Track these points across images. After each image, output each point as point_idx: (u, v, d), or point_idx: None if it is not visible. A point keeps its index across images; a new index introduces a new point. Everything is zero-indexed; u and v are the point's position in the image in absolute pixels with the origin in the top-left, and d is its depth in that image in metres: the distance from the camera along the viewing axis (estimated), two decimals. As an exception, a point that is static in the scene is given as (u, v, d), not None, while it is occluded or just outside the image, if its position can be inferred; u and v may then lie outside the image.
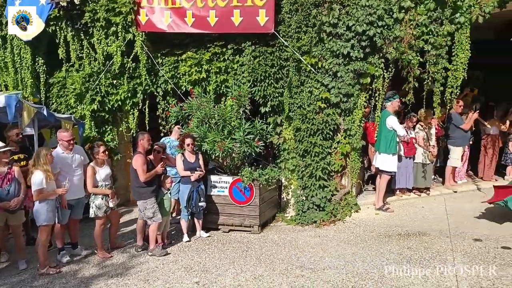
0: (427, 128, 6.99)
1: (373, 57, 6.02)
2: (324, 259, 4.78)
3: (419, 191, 7.20)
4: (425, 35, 5.74)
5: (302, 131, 6.33)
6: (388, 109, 6.28)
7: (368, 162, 7.40)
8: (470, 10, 5.56)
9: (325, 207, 6.26)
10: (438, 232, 5.35)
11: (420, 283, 3.97)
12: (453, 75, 5.75)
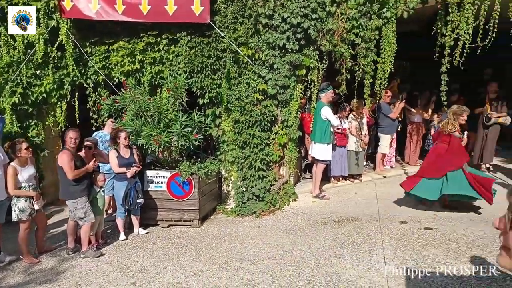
0: (359, 118, 7.34)
1: (308, 49, 6.16)
2: (263, 249, 4.86)
3: (353, 178, 7.57)
4: (355, 29, 5.96)
5: (241, 123, 6.34)
6: (322, 100, 6.49)
7: (305, 151, 7.63)
8: (395, 5, 5.86)
9: (264, 197, 6.36)
10: (369, 217, 5.68)
11: (352, 267, 4.19)
12: (381, 68, 6.06)
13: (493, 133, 7.70)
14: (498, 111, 7.60)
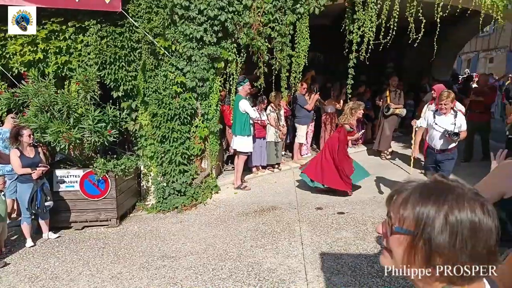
0: (277, 109, 7.57)
1: (226, 42, 6.16)
2: (186, 245, 4.83)
3: (272, 167, 7.83)
4: (271, 23, 6.10)
5: (159, 116, 6.16)
6: (240, 93, 6.56)
7: (227, 143, 7.68)
8: (308, 1, 6.11)
9: (186, 192, 6.29)
10: (288, 205, 5.94)
11: (273, 255, 4.36)
12: (296, 61, 6.30)
13: (391, 123, 8.49)
14: (396, 103, 8.39)
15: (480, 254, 0.84)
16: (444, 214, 0.84)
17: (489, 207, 0.87)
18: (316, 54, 12.74)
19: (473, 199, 0.87)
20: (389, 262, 0.96)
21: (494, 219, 0.86)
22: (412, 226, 0.88)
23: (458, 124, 4.93)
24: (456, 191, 0.88)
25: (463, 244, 0.83)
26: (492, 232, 0.85)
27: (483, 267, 0.85)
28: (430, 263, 0.86)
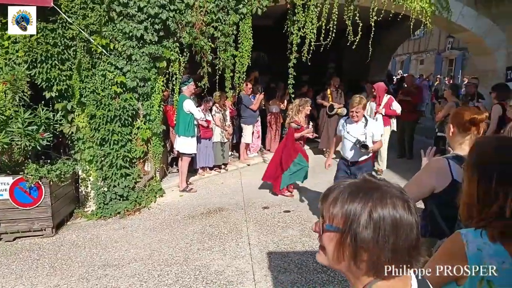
0: (222, 109, 7.53)
1: (167, 41, 6.00)
2: (129, 252, 4.64)
3: (219, 168, 7.78)
4: (214, 23, 6.03)
5: (97, 118, 5.85)
6: (184, 93, 6.44)
7: (171, 145, 7.50)
8: (251, 2, 6.13)
9: (129, 196, 6.04)
10: (234, 205, 5.92)
11: (220, 257, 4.32)
12: (240, 61, 6.30)
13: (333, 122, 8.81)
14: (338, 102, 8.72)
15: (402, 249, 0.89)
16: (368, 211, 0.89)
17: (411, 204, 0.93)
18: (260, 54, 12.88)
19: (396, 196, 0.92)
20: (323, 259, 1.01)
21: (414, 215, 0.91)
22: (341, 223, 0.93)
23: (369, 133, 4.49)
24: (381, 189, 0.93)
25: (386, 239, 0.88)
26: (413, 228, 0.90)
27: (406, 261, 0.90)
28: (357, 258, 0.91)
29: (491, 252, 1.32)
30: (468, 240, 1.36)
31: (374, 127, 4.56)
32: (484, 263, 1.32)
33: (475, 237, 1.36)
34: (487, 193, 1.37)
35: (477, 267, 1.33)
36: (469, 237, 1.36)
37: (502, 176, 1.35)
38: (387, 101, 7.22)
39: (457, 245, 1.37)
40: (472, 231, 1.39)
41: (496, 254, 1.32)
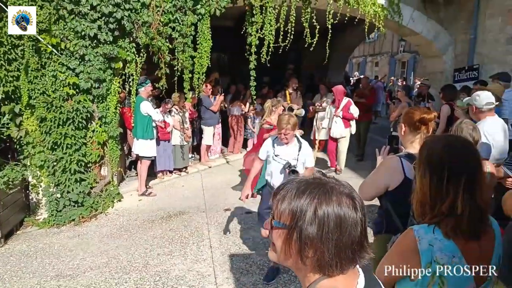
0: (181, 111, 7.41)
1: (123, 41, 5.81)
2: (85, 260, 4.44)
3: (179, 171, 7.64)
4: (172, 23, 5.92)
5: (48, 121, 5.55)
6: (141, 94, 6.28)
7: (128, 148, 7.28)
8: (209, 2, 6.07)
9: (84, 202, 5.79)
10: (196, 209, 5.84)
11: (181, 262, 4.24)
12: (199, 62, 6.22)
13: None
14: (297, 103, 8.83)
15: (345, 245, 0.90)
16: (314, 208, 0.91)
17: (357, 201, 0.94)
18: (220, 55, 12.85)
19: (343, 193, 0.94)
20: (273, 256, 1.01)
21: (360, 212, 0.93)
22: (288, 220, 0.93)
23: (301, 158, 3.79)
24: (328, 187, 0.95)
25: (329, 236, 0.89)
26: (357, 225, 0.92)
27: (349, 258, 0.92)
28: (303, 254, 0.92)
29: (442, 247, 1.38)
30: (420, 236, 1.40)
31: (308, 152, 3.87)
32: (435, 258, 1.37)
33: (427, 233, 1.41)
34: (439, 190, 1.43)
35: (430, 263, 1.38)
36: (421, 233, 1.41)
37: (452, 174, 1.41)
38: (346, 104, 7.37)
39: (410, 241, 1.42)
40: (424, 227, 1.44)
41: (447, 249, 1.37)
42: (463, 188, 1.38)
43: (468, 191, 1.38)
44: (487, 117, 3.65)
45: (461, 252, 1.37)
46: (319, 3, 6.72)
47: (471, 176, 1.40)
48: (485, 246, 1.43)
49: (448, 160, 1.43)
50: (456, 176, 1.41)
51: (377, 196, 2.39)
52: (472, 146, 1.53)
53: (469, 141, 1.61)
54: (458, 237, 1.39)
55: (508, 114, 4.99)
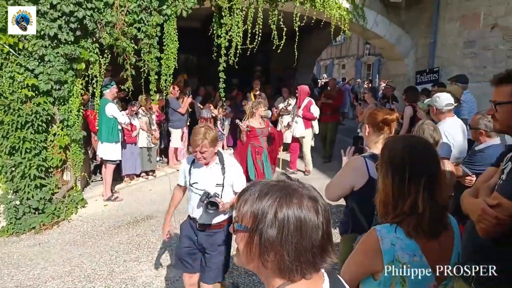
0: (148, 113, 7.26)
1: (86, 41, 5.62)
2: (46, 269, 4.25)
3: (147, 174, 7.48)
4: (137, 23, 5.79)
5: (6, 124, 5.27)
6: (107, 96, 6.10)
7: (93, 151, 7.05)
8: (175, 3, 5.99)
9: (45, 209, 5.54)
10: (164, 213, 5.62)
11: (149, 268, 4.15)
12: (166, 64, 6.12)
13: None
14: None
15: (305, 249, 0.90)
16: (274, 210, 0.90)
17: (320, 205, 0.93)
18: (188, 56, 12.71)
19: (304, 196, 0.93)
20: (237, 260, 1.00)
21: (321, 216, 0.92)
22: (249, 223, 0.92)
23: (228, 181, 2.92)
24: (290, 189, 0.93)
25: (289, 239, 0.88)
26: (318, 228, 0.91)
27: (310, 262, 0.91)
28: (264, 258, 0.91)
29: (403, 246, 1.40)
30: (383, 235, 1.43)
31: (236, 172, 2.98)
32: (397, 257, 1.40)
33: (389, 232, 1.43)
34: (401, 190, 1.46)
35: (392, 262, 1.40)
36: (383, 233, 1.44)
37: (413, 174, 1.44)
38: (306, 104, 7.46)
39: (373, 240, 1.44)
40: (386, 227, 1.46)
41: (408, 248, 1.40)
42: (423, 187, 1.42)
43: (429, 191, 1.42)
44: (447, 118, 3.79)
45: (422, 251, 1.40)
46: (286, 6, 6.78)
47: (431, 176, 1.44)
48: (444, 245, 1.47)
49: (409, 161, 1.47)
50: (417, 176, 1.44)
51: (343, 196, 2.42)
52: (431, 147, 1.58)
53: (429, 142, 1.66)
54: (419, 236, 1.42)
55: (466, 115, 5.21)
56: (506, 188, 1.64)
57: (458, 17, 7.00)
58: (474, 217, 1.72)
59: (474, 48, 6.63)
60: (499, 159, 1.97)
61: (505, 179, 1.70)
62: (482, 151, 3.24)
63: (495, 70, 6.11)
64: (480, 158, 3.21)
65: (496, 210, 1.61)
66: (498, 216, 1.59)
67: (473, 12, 6.60)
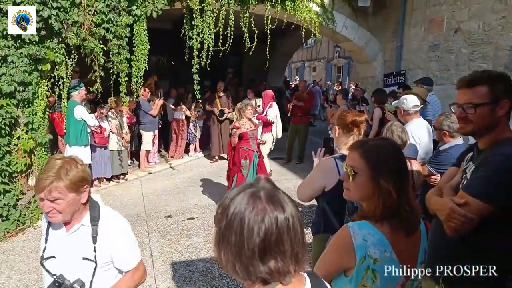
0: (119, 115, 7.11)
1: (51, 41, 5.44)
2: (11, 278, 4.08)
3: (117, 178, 7.32)
4: (105, 24, 5.66)
5: (-34, 127, 5.05)
6: (75, 98, 5.93)
7: (60, 155, 6.83)
8: (145, 4, 5.90)
9: (9, 216, 5.31)
10: (135, 217, 5.62)
11: (120, 273, 4.04)
12: (136, 65, 6.02)
13: (225, 128, 8.93)
14: (227, 106, 8.87)
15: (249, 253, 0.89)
16: (227, 211, 0.92)
17: (279, 214, 0.91)
18: (160, 58, 12.53)
19: (262, 200, 0.92)
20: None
21: (271, 219, 0.90)
22: (220, 227, 0.95)
23: (103, 255, 1.82)
24: (251, 192, 0.94)
25: (241, 243, 0.89)
26: (260, 231, 0.89)
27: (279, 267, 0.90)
28: (229, 262, 0.92)
29: (375, 242, 1.44)
30: (355, 231, 1.46)
31: (122, 239, 1.92)
32: (369, 252, 1.43)
33: (361, 229, 1.47)
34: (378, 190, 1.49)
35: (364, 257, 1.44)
36: (355, 229, 1.47)
37: (389, 174, 1.48)
38: (268, 107, 7.45)
39: (346, 237, 1.47)
40: (359, 223, 1.49)
41: (379, 244, 1.44)
42: (394, 188, 1.45)
43: (399, 191, 1.46)
44: (414, 119, 3.92)
45: (392, 247, 1.45)
46: (257, 9, 6.81)
47: (401, 177, 1.49)
48: (413, 241, 1.52)
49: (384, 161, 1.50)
50: (394, 176, 1.48)
51: (314, 196, 2.46)
52: (400, 148, 1.63)
53: (398, 144, 1.71)
54: (393, 234, 1.45)
55: (431, 116, 5.41)
56: (472, 187, 1.71)
57: (423, 21, 7.25)
58: (442, 216, 1.77)
59: (438, 51, 6.89)
60: (460, 159, 2.05)
61: (470, 178, 1.77)
62: (446, 151, 3.38)
63: (458, 73, 6.38)
64: (444, 158, 3.34)
65: (463, 208, 1.67)
66: (466, 215, 1.65)
67: (437, 17, 6.87)
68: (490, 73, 1.78)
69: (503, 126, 1.77)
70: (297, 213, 0.95)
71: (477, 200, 1.65)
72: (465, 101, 1.77)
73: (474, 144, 1.94)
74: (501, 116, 1.74)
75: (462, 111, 1.78)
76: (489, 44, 5.80)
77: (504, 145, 1.71)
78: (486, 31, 5.82)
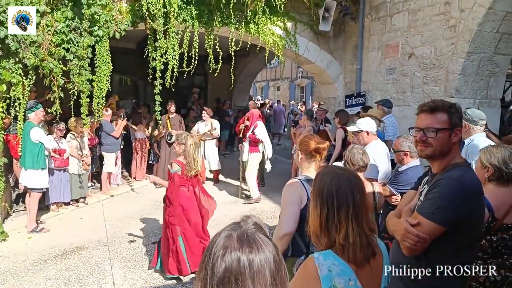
0: (79, 137, 6.88)
1: (7, 61, 5.23)
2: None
3: (77, 202, 7.02)
4: (65, 44, 5.53)
5: None
6: (32, 120, 5.69)
7: (15, 179, 6.49)
8: (107, 25, 5.84)
9: (-43, 246, 4.96)
10: (96, 243, 5.39)
11: (79, 304, 3.85)
12: (98, 86, 5.89)
13: (174, 152, 8.61)
14: (178, 129, 8.46)
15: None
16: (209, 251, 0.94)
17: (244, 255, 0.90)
18: (123, 78, 12.35)
19: (236, 240, 0.93)
20: None
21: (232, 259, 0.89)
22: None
23: None
24: (230, 235, 0.95)
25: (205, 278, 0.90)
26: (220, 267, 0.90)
27: None
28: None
29: (339, 272, 1.48)
30: (320, 263, 1.50)
31: None
32: (334, 283, 1.47)
33: (326, 259, 1.51)
34: (332, 221, 1.55)
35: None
36: (320, 260, 1.51)
37: (340, 205, 1.54)
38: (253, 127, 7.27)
39: (311, 268, 1.50)
40: (323, 254, 1.54)
41: (343, 273, 1.49)
42: (351, 218, 1.52)
43: (356, 221, 1.52)
44: (372, 141, 4.08)
45: (356, 275, 1.49)
46: (221, 30, 6.91)
47: (357, 207, 1.55)
48: (375, 267, 1.58)
49: (336, 193, 1.57)
50: (344, 208, 1.54)
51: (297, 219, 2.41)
52: (357, 178, 1.69)
53: (355, 173, 1.77)
54: (352, 262, 1.51)
55: (392, 136, 5.64)
56: (424, 208, 1.81)
57: (380, 46, 7.62)
58: (399, 236, 1.86)
59: (394, 74, 7.24)
60: (418, 183, 2.16)
61: (423, 200, 1.88)
62: (405, 172, 3.53)
63: (413, 95, 6.73)
64: (403, 178, 3.49)
65: (417, 228, 1.77)
66: (419, 234, 1.75)
67: (392, 42, 7.25)
68: (447, 102, 1.93)
69: (455, 152, 1.90)
70: (275, 257, 0.93)
71: (428, 220, 1.75)
72: (426, 126, 1.88)
73: (430, 168, 2.06)
74: (454, 143, 1.88)
75: (423, 135, 1.89)
76: (440, 68, 6.17)
77: (452, 170, 1.83)
78: (438, 56, 6.20)
